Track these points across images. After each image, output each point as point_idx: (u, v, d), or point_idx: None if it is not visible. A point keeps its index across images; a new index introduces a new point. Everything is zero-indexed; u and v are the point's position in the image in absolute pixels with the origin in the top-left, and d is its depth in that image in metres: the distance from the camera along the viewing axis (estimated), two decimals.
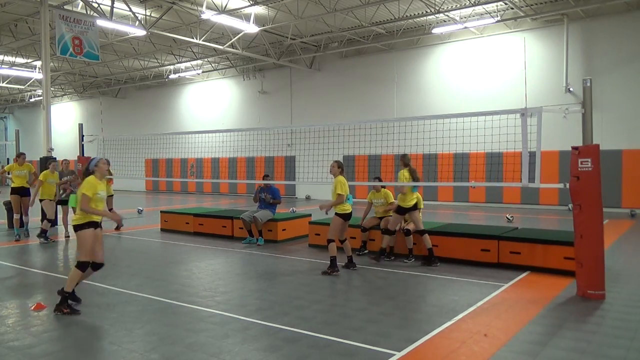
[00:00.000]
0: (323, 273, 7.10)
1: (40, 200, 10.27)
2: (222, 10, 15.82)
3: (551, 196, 16.65)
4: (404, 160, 8.07)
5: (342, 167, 7.45)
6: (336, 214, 7.33)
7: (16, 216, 10.50)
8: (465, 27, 17.08)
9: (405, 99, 20.06)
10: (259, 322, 5.04)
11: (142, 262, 8.32)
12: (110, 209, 10.48)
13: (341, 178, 7.30)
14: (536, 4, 16.26)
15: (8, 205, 12.36)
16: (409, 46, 19.98)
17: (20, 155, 10.52)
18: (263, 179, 10.41)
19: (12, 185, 10.52)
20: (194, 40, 18.27)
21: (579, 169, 5.91)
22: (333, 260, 7.12)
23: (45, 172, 10.32)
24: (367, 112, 20.53)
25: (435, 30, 17.37)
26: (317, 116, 22.33)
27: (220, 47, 19.00)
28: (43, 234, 10.20)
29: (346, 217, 7.26)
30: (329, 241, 7.24)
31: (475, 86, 18.39)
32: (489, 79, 18.15)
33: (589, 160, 5.85)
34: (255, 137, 21.34)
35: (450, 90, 18.95)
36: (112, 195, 11.43)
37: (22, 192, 10.40)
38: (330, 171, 7.49)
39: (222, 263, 8.43)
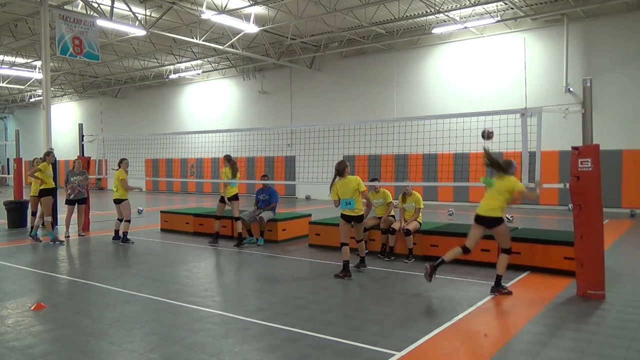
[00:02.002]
0: (335, 276, 6.99)
1: (120, 201, 10.12)
2: (222, 10, 15.82)
3: (551, 196, 16.65)
4: (227, 158, 9.88)
5: (337, 169, 7.18)
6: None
7: (49, 219, 10.12)
8: (465, 27, 17.08)
9: (405, 99, 20.05)
10: (259, 322, 5.04)
11: (142, 262, 8.32)
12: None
13: (339, 182, 7.17)
14: (536, 4, 16.26)
15: (9, 205, 12.36)
16: (409, 46, 19.98)
17: (49, 154, 10.32)
18: (261, 179, 10.43)
19: (45, 186, 10.06)
20: (194, 40, 18.27)
21: (579, 169, 5.91)
22: (345, 264, 7.00)
23: (119, 170, 10.17)
24: (367, 112, 20.53)
25: (435, 30, 17.37)
26: (317, 116, 22.33)
27: (220, 47, 19.01)
28: (125, 237, 10.08)
29: (345, 218, 7.17)
30: (340, 244, 7.13)
31: (475, 86, 18.39)
32: (489, 79, 18.15)
33: (589, 160, 5.85)
34: (255, 137, 21.33)
35: (450, 90, 18.95)
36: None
37: (53, 193, 10.20)
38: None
39: (222, 263, 8.43)
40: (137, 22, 16.07)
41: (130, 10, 15.33)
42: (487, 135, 6.95)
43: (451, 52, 19.10)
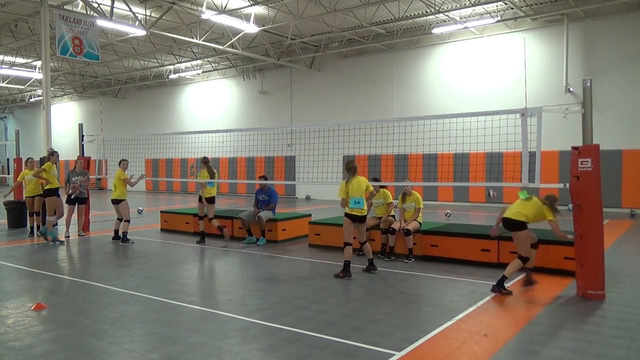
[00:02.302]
0: (335, 276, 6.98)
1: (119, 202, 10.11)
2: (222, 11, 15.82)
3: None
4: (204, 161, 10.10)
5: (349, 169, 7.20)
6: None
7: (52, 219, 10.01)
8: (465, 27, 17.08)
9: (405, 99, 20.05)
10: (259, 322, 5.04)
11: (142, 262, 8.32)
12: None
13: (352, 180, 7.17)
14: (536, 4, 16.25)
15: (8, 205, 12.36)
16: (409, 46, 19.97)
17: (54, 154, 10.20)
18: (259, 180, 10.45)
19: (50, 186, 9.94)
20: (194, 40, 18.27)
21: (579, 169, 5.91)
22: (345, 264, 6.98)
23: (119, 170, 10.19)
24: (367, 112, 20.53)
25: (435, 30, 17.36)
26: (317, 116, 22.33)
27: (220, 47, 19.00)
28: (125, 237, 10.06)
29: (351, 217, 7.07)
30: (344, 244, 7.09)
31: (475, 86, 18.38)
32: (489, 79, 18.14)
33: (589, 160, 5.85)
34: (255, 137, 21.35)
35: (450, 90, 18.94)
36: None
37: (58, 193, 10.12)
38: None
39: (222, 263, 8.44)
40: (137, 22, 16.07)
41: (130, 10, 15.34)
42: (491, 195, 7.19)
43: (451, 52, 19.09)
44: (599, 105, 13.90)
